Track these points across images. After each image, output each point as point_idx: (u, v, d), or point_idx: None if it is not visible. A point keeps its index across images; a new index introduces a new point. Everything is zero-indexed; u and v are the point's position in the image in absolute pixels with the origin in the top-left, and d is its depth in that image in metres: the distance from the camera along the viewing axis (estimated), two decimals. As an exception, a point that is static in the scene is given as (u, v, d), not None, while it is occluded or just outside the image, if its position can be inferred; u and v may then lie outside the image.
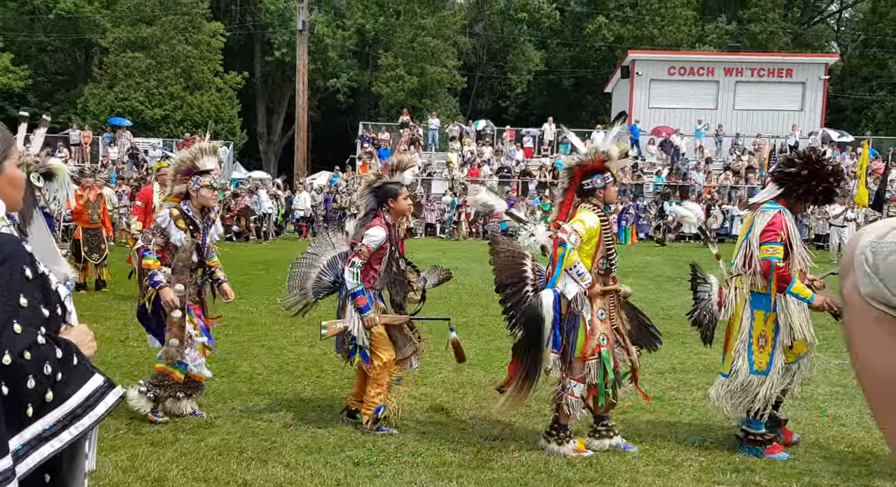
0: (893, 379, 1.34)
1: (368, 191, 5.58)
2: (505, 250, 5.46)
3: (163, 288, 5.39)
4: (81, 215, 11.78)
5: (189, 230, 5.54)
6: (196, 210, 5.61)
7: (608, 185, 5.20)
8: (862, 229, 1.44)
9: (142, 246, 5.54)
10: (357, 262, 5.32)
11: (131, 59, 34.27)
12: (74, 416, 1.85)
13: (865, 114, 37.33)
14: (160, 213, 5.55)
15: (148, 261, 5.47)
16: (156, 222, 5.52)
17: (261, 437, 5.24)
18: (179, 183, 5.61)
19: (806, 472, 4.84)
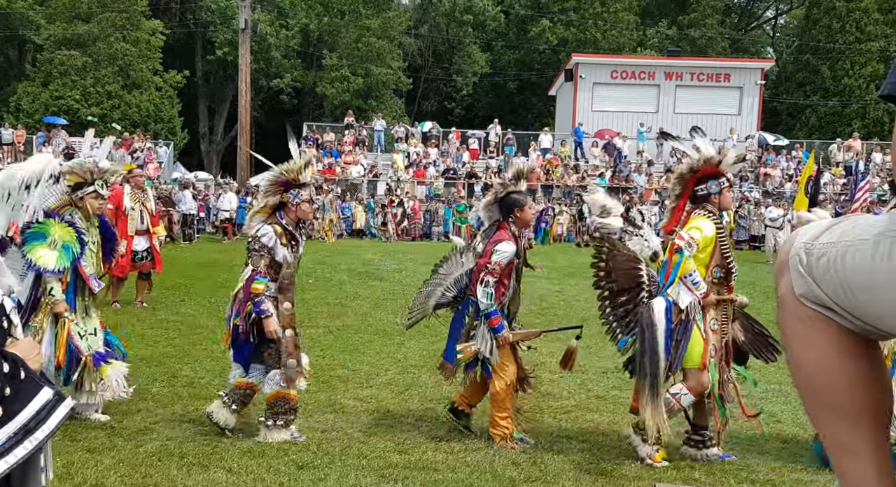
0: (824, 375, 1.38)
1: (493, 201, 5.41)
2: (620, 254, 5.33)
3: (268, 318, 5.14)
4: None
5: (290, 245, 5.33)
6: (292, 223, 5.37)
7: (724, 191, 5.09)
8: (796, 231, 1.48)
9: (254, 270, 5.20)
10: (490, 281, 5.15)
11: (67, 56, 33.35)
12: (27, 431, 1.81)
13: (800, 119, 38.39)
14: (264, 232, 5.24)
15: (258, 287, 5.17)
16: (261, 242, 5.21)
17: (202, 442, 5.15)
18: (273, 195, 5.37)
19: (743, 467, 4.96)
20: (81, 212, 5.56)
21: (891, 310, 1.26)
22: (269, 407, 5.24)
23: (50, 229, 5.30)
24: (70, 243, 5.33)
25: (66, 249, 5.31)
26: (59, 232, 5.32)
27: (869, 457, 1.35)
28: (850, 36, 36.42)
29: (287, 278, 5.31)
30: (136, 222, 10.32)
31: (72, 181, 5.53)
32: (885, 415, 1.38)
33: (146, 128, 32.92)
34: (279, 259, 5.24)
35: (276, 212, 5.36)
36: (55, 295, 5.35)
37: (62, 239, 5.31)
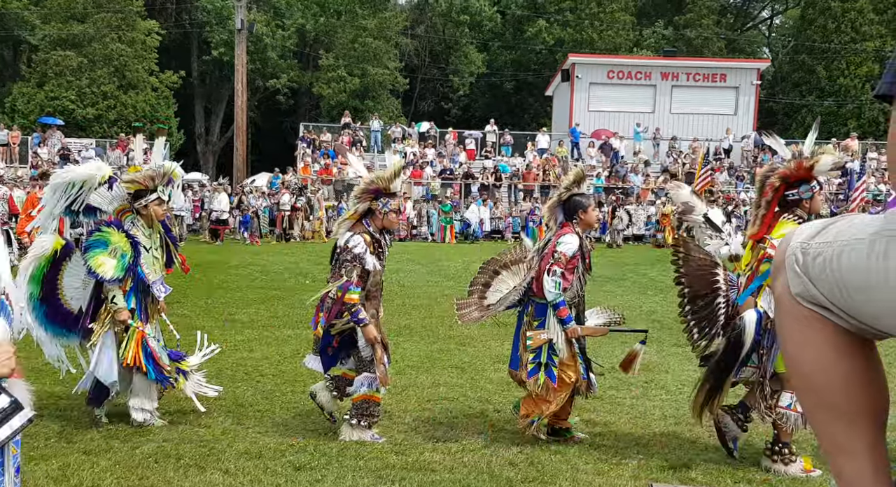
0: (821, 375, 1.38)
1: (558, 204, 5.42)
2: (697, 257, 5.30)
3: (367, 327, 5.18)
4: None
5: (377, 253, 5.35)
6: (377, 230, 5.38)
7: (815, 195, 5.02)
8: (792, 230, 1.48)
9: (347, 281, 5.16)
10: (557, 270, 5.13)
11: (62, 57, 33.28)
12: None
13: (795, 119, 38.45)
14: (355, 242, 5.25)
15: (353, 297, 5.16)
16: (353, 252, 5.20)
17: (199, 444, 5.14)
18: (363, 202, 5.38)
19: (740, 467, 4.97)
20: (144, 219, 5.57)
21: (887, 310, 1.26)
22: (356, 408, 5.29)
23: (111, 237, 5.35)
24: (126, 252, 5.36)
25: (123, 258, 5.34)
26: (118, 240, 5.36)
27: (865, 457, 1.35)
28: (845, 36, 36.49)
29: (374, 286, 5.36)
30: None
31: (132, 189, 5.54)
32: (881, 415, 1.38)
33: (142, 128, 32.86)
34: (368, 267, 5.26)
35: (363, 220, 5.38)
36: (117, 303, 5.37)
37: (121, 247, 5.35)
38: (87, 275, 5.39)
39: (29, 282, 5.42)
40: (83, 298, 5.51)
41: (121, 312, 5.37)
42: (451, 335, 9.25)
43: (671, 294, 13.67)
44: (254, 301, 11.32)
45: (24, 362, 6.80)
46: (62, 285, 5.52)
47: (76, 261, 5.52)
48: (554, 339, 5.20)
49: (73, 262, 5.53)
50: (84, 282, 5.51)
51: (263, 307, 10.90)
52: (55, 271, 5.48)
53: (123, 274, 5.33)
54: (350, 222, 5.41)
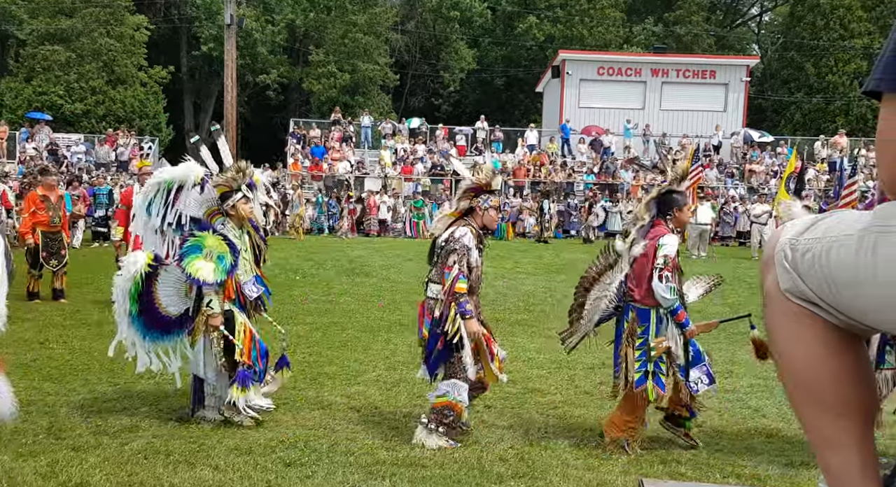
0: (810, 370, 1.39)
1: (654, 200, 5.27)
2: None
3: (470, 319, 5.10)
4: (41, 217, 10.58)
5: (479, 248, 5.31)
6: (478, 227, 5.34)
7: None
8: (781, 226, 1.49)
9: (458, 270, 5.10)
10: (667, 275, 4.96)
11: (50, 52, 33.07)
12: None
13: (784, 115, 38.60)
14: (462, 232, 5.20)
15: (462, 286, 5.11)
16: (461, 242, 5.16)
17: (188, 440, 5.13)
18: (464, 199, 5.37)
19: (728, 462, 4.99)
20: (233, 219, 5.55)
21: (874, 306, 1.27)
22: (434, 412, 5.19)
23: (205, 241, 5.35)
24: (224, 254, 5.34)
25: (221, 260, 5.32)
26: (213, 243, 5.34)
27: (853, 451, 1.36)
28: (833, 33, 36.65)
29: (475, 281, 5.31)
30: None
31: (219, 192, 5.53)
32: (869, 410, 1.39)
33: (131, 124, 32.71)
34: (472, 262, 5.22)
35: (463, 217, 5.37)
36: (214, 308, 5.36)
37: (217, 250, 5.33)
38: (184, 282, 5.41)
39: (127, 300, 5.46)
40: (181, 303, 5.54)
41: (215, 317, 5.36)
42: (441, 331, 9.24)
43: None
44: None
45: (11, 358, 6.77)
46: (157, 295, 5.53)
47: (168, 271, 5.52)
48: (673, 347, 5.06)
49: (165, 272, 5.53)
50: (177, 290, 5.52)
51: (253, 303, 10.86)
52: (150, 283, 5.50)
53: (225, 276, 5.33)
54: (450, 219, 5.42)
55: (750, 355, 5.15)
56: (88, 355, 7.50)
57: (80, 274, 12.14)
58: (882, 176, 1.29)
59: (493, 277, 14.79)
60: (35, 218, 10.56)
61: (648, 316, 5.10)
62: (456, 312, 5.11)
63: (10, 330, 8.61)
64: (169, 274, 5.55)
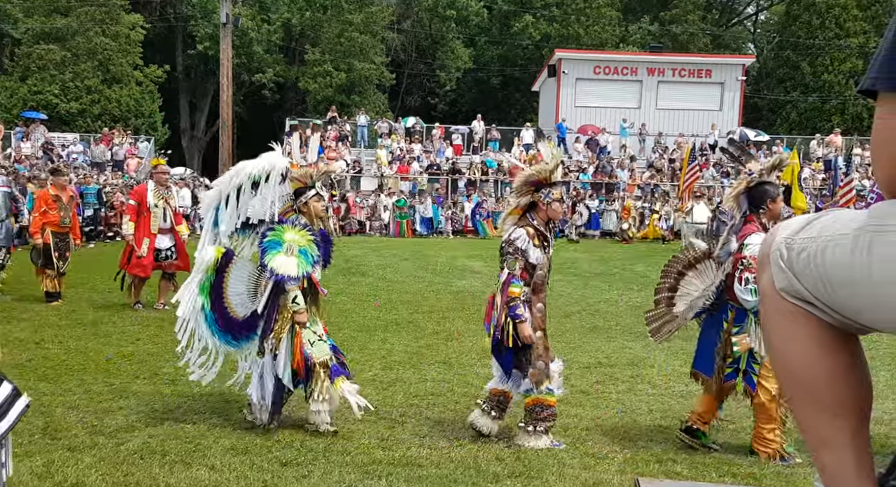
0: (806, 370, 1.39)
1: (744, 192, 5.15)
2: None
3: (522, 323, 5.04)
4: (51, 217, 10.39)
5: (542, 246, 5.22)
6: (542, 223, 5.27)
7: None
8: (777, 225, 1.49)
9: (510, 274, 5.10)
10: (749, 277, 4.79)
11: (45, 51, 32.98)
12: None
13: (780, 114, 38.67)
14: (517, 234, 5.16)
15: (514, 290, 5.07)
16: (515, 245, 5.12)
17: (185, 440, 5.12)
18: (524, 195, 5.28)
19: (725, 461, 4.99)
20: (305, 216, 5.44)
21: (869, 304, 1.27)
22: (528, 413, 5.17)
23: (284, 235, 5.22)
24: (306, 247, 5.23)
25: (304, 254, 5.20)
26: (293, 237, 5.22)
27: (848, 449, 1.36)
28: (829, 32, 36.71)
29: (540, 279, 5.24)
30: (160, 220, 10.07)
31: (293, 187, 5.42)
32: (865, 408, 1.39)
33: (126, 123, 32.65)
34: (533, 260, 5.16)
35: (527, 213, 5.29)
36: (299, 304, 5.23)
37: (298, 244, 5.21)
38: (266, 278, 5.24)
39: (199, 294, 5.35)
40: (249, 303, 5.38)
41: (301, 314, 5.24)
42: (437, 330, 9.26)
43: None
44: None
45: (7, 358, 6.76)
46: (227, 293, 5.40)
47: (239, 267, 5.41)
48: (755, 347, 4.97)
49: (236, 268, 5.42)
50: (248, 288, 5.40)
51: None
52: (219, 279, 5.38)
53: (310, 269, 5.22)
54: (515, 217, 5.34)
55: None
56: (84, 355, 7.49)
57: (75, 274, 12.11)
58: (878, 175, 1.29)
59: (488, 277, 14.80)
60: (45, 217, 10.40)
61: (745, 316, 5.04)
62: (507, 317, 5.08)
63: (5, 330, 8.62)
64: (240, 271, 5.41)
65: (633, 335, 9.18)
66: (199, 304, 5.35)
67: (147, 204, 9.97)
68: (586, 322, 10.13)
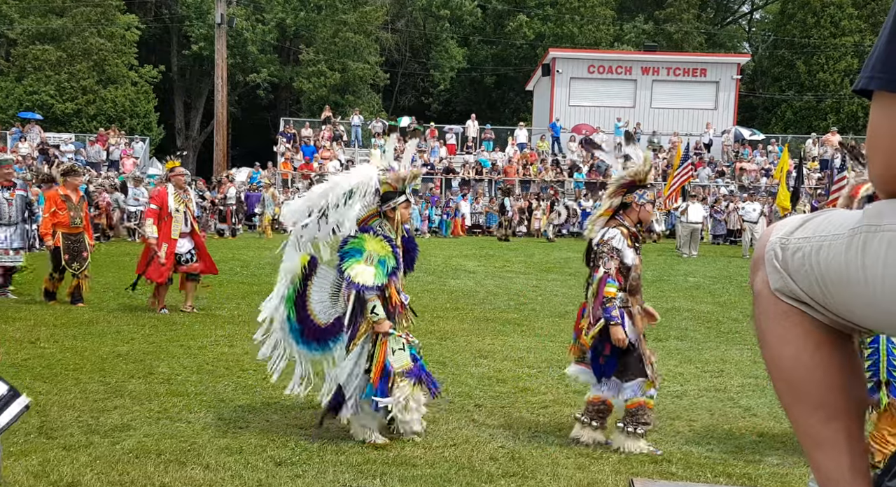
0: (801, 370, 1.39)
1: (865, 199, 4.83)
2: None
3: (616, 326, 4.96)
4: (61, 218, 10.21)
5: (635, 247, 5.17)
6: (632, 224, 5.21)
7: None
8: (772, 225, 1.49)
9: (606, 273, 5.01)
10: None
11: (41, 51, 32.95)
12: None
13: (775, 113, 38.75)
14: (612, 234, 5.09)
15: (610, 290, 4.99)
16: (610, 244, 5.04)
17: (179, 439, 5.11)
18: (616, 196, 5.21)
19: (720, 461, 5.00)
20: (391, 222, 5.28)
21: (863, 304, 1.27)
22: (630, 415, 5.10)
23: (366, 244, 5.08)
24: (385, 257, 5.10)
25: (382, 264, 5.06)
26: (374, 246, 5.09)
27: (843, 451, 1.36)
28: (824, 31, 36.80)
29: (635, 281, 5.19)
30: (181, 224, 9.82)
31: (382, 190, 5.26)
32: (859, 409, 1.39)
33: (122, 123, 32.60)
34: (628, 261, 5.10)
35: (616, 214, 5.24)
36: (378, 314, 5.09)
37: (377, 253, 5.08)
38: (344, 287, 5.14)
39: (285, 305, 5.26)
40: (333, 311, 5.28)
41: (381, 323, 5.10)
42: (431, 330, 9.25)
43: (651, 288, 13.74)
44: (234, 296, 11.26)
45: (3, 357, 6.74)
46: (310, 301, 5.30)
47: (322, 275, 5.32)
48: None
49: (319, 276, 5.32)
50: (331, 295, 5.30)
51: (244, 302, 10.84)
52: (304, 288, 5.29)
53: (385, 280, 5.07)
54: (604, 218, 5.28)
55: None
56: (80, 354, 7.47)
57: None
58: (872, 174, 1.29)
59: (483, 276, 14.80)
60: (55, 218, 10.20)
61: None
62: (602, 316, 5.02)
63: (0, 329, 8.58)
64: (323, 279, 5.31)
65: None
66: (283, 314, 5.26)
67: (168, 208, 9.73)
68: (581, 321, 10.11)
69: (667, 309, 11.10)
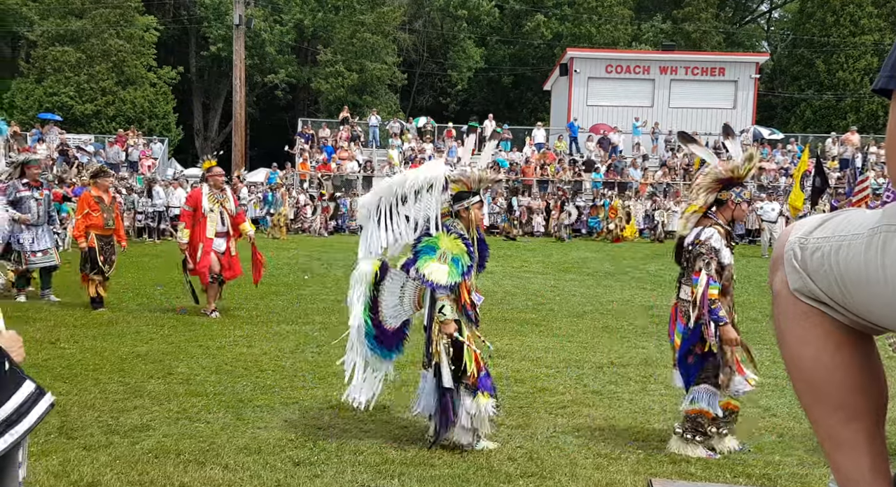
0: (820, 371, 1.38)
1: None
2: None
3: (725, 326, 4.85)
4: (95, 220, 10.16)
5: (730, 245, 5.08)
6: (725, 221, 5.11)
7: None
8: (791, 225, 1.48)
9: (708, 276, 4.87)
10: None
11: (60, 53, 33.28)
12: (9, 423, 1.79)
13: (795, 112, 38.45)
14: (709, 234, 4.97)
15: (713, 292, 4.87)
16: (708, 245, 4.93)
17: (199, 439, 5.14)
18: (711, 192, 5.08)
19: (739, 462, 4.96)
20: (463, 221, 5.17)
21: (882, 304, 1.26)
22: (689, 420, 5.04)
23: (440, 242, 4.99)
24: (459, 256, 4.98)
25: (456, 263, 4.96)
26: (448, 244, 4.99)
27: (863, 452, 1.35)
28: (844, 29, 36.47)
29: (728, 280, 5.06)
30: (217, 224, 9.69)
31: (455, 190, 5.20)
32: (880, 409, 1.38)
33: (140, 124, 32.85)
34: (725, 261, 4.99)
35: (707, 213, 5.12)
36: (446, 314, 4.98)
37: (452, 252, 4.98)
38: (417, 286, 5.11)
39: (362, 313, 5.16)
40: (402, 314, 5.23)
41: (448, 324, 4.98)
42: (450, 330, 9.24)
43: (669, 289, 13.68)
44: (252, 296, 11.31)
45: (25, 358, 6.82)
46: (381, 305, 5.22)
47: (392, 278, 5.24)
48: None
49: (389, 279, 5.24)
50: (401, 298, 5.22)
51: (262, 302, 10.90)
52: (377, 293, 5.21)
53: (460, 279, 4.96)
54: (697, 215, 5.14)
55: None
56: (99, 354, 7.54)
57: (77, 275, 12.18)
58: (892, 173, 1.28)
59: (500, 276, 14.79)
60: (88, 220, 10.16)
61: None
62: (710, 320, 4.90)
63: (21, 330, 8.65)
64: (393, 282, 5.23)
65: (646, 335, 9.16)
66: (361, 320, 5.17)
67: (202, 209, 9.64)
68: (598, 321, 10.10)
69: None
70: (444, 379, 4.98)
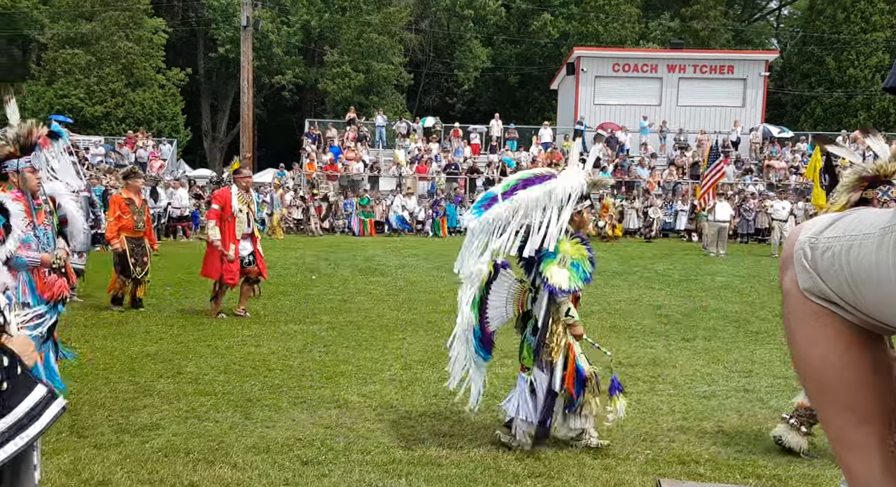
0: (831, 371, 1.37)
1: None
2: None
3: None
4: (126, 222, 10.13)
5: None
6: None
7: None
8: (801, 224, 1.47)
9: None
10: None
11: (70, 55, 33.46)
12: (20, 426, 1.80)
13: (804, 110, 38.27)
14: None
15: None
16: None
17: (208, 438, 5.16)
18: (855, 191, 4.97)
19: (749, 463, 4.95)
20: (573, 226, 5.16)
21: (893, 304, 1.25)
22: (800, 412, 5.06)
23: (561, 245, 4.97)
24: (580, 261, 4.99)
25: (576, 267, 4.96)
26: (568, 248, 5.00)
27: (875, 454, 1.34)
28: (854, 26, 36.28)
29: None
30: (244, 225, 9.63)
31: None
32: (891, 411, 1.37)
33: (150, 125, 32.98)
34: None
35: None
36: (573, 316, 5.03)
37: (572, 256, 4.98)
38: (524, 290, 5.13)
39: (471, 311, 5.17)
40: (505, 316, 5.23)
41: (576, 326, 5.04)
42: (458, 330, 9.24)
43: (678, 288, 13.68)
44: (261, 296, 11.33)
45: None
46: (488, 307, 5.22)
47: (501, 279, 5.21)
48: None
49: (498, 280, 5.22)
50: (506, 300, 5.22)
51: (270, 302, 10.92)
52: (486, 293, 5.21)
53: (581, 284, 4.96)
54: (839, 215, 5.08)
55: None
56: (110, 354, 7.57)
57: (95, 274, 12.23)
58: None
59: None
60: (120, 222, 10.10)
61: None
62: None
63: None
64: (501, 283, 5.22)
65: (654, 334, 9.13)
66: (470, 321, 5.18)
67: (231, 209, 9.56)
68: (606, 321, 10.07)
69: (693, 308, 11.01)
70: (556, 383, 5.00)
